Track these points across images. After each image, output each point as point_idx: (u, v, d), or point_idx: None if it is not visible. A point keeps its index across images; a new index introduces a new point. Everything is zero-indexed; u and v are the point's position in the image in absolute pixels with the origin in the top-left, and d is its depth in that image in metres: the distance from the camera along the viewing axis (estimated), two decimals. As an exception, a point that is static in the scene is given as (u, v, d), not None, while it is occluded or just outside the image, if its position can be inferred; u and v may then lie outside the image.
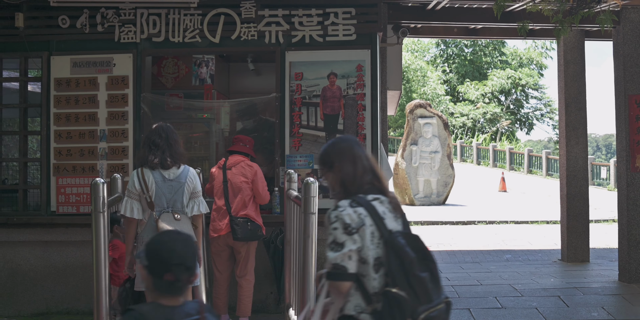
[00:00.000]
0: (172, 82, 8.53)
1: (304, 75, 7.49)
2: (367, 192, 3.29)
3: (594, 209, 16.58)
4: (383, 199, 3.30)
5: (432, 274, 3.17)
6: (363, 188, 3.31)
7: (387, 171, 7.71)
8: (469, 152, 38.75)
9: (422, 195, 21.75)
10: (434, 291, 3.14)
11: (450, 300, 3.24)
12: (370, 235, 3.15)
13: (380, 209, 3.23)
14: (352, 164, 3.35)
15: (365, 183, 3.32)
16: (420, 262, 3.14)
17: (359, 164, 3.35)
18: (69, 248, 7.48)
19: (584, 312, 7.37)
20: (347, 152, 3.39)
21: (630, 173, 8.73)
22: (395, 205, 3.32)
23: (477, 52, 49.69)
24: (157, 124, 5.68)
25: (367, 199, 3.25)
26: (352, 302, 3.18)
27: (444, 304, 3.18)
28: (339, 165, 3.36)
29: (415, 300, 3.06)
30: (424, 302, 3.09)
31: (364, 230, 3.15)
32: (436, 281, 3.18)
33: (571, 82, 10.75)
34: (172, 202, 5.46)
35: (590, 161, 28.92)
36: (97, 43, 7.65)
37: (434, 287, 3.15)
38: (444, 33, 11.41)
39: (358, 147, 3.43)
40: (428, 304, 3.10)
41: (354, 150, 3.39)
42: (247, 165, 6.83)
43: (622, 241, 8.84)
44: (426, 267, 3.16)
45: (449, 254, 12.24)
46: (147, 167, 5.46)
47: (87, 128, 7.56)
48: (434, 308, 3.11)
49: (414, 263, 3.11)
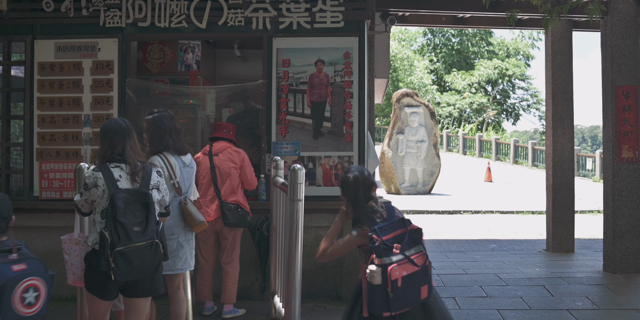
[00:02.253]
0: (158, 68, 8.45)
1: (291, 62, 7.43)
2: (112, 162, 4.51)
3: (579, 200, 16.67)
4: (123, 166, 4.50)
5: (140, 222, 4.30)
6: (115, 159, 4.52)
7: (373, 159, 7.68)
8: (455, 142, 38.85)
9: (408, 184, 21.79)
10: (135, 234, 4.25)
11: (157, 242, 4.34)
12: (101, 191, 4.42)
13: (116, 174, 4.46)
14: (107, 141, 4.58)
15: (115, 154, 4.52)
16: (127, 211, 4.27)
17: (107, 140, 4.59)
18: (52, 233, 7.41)
19: (568, 302, 7.40)
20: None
21: (616, 163, 8.76)
22: (133, 172, 4.50)
23: (464, 42, 49.75)
24: (163, 110, 5.71)
25: (108, 165, 4.49)
26: (91, 238, 4.49)
27: (146, 243, 4.29)
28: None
29: (116, 239, 4.19)
30: (123, 240, 4.19)
31: (96, 188, 4.44)
32: (144, 227, 4.31)
33: (558, 73, 10.77)
34: (188, 188, 5.62)
35: (576, 152, 29.04)
36: (82, 27, 7.56)
37: (138, 231, 4.27)
38: (432, 22, 11.39)
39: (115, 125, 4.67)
40: (126, 242, 4.20)
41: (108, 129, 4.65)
42: (235, 151, 6.79)
43: (607, 231, 8.88)
44: (133, 215, 4.28)
45: (435, 243, 12.27)
46: (169, 152, 5.53)
47: (71, 113, 7.48)
48: (130, 245, 4.22)
49: (120, 212, 4.23)
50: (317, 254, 4.34)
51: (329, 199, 7.28)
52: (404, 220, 4.18)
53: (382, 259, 3.94)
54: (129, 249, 4.23)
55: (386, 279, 3.91)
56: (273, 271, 6.46)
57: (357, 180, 4.29)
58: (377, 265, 3.95)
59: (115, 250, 4.20)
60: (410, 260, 4.01)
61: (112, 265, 4.21)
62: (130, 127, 4.75)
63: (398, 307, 3.99)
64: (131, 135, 4.70)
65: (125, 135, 4.64)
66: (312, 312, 6.91)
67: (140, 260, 4.28)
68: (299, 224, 5.03)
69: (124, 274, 4.26)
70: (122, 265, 4.22)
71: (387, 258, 3.95)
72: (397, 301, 3.97)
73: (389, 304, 3.95)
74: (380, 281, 3.93)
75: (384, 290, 3.94)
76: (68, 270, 4.83)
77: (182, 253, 5.51)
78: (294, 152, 7.35)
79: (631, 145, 8.76)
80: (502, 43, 50.51)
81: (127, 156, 4.57)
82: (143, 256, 4.30)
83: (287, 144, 7.37)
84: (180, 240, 5.51)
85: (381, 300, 3.96)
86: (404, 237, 4.07)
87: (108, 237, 4.23)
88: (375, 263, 3.95)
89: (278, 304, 6.10)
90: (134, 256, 4.25)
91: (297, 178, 5.02)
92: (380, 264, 3.94)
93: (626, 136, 8.77)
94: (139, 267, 4.29)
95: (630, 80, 8.81)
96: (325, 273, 7.41)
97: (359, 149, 7.33)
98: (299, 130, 7.38)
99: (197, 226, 5.52)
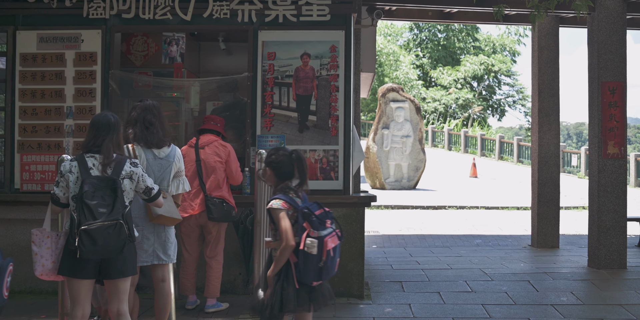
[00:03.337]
0: (141, 60, 8.36)
1: (277, 55, 7.39)
2: (89, 152, 4.79)
3: (564, 196, 16.73)
4: (97, 156, 4.76)
5: (107, 204, 4.54)
6: (93, 149, 4.79)
7: (359, 153, 7.64)
8: (440, 137, 38.91)
9: (393, 179, 21.78)
10: (100, 214, 4.49)
11: (121, 222, 4.55)
12: (75, 178, 4.69)
13: (90, 163, 4.73)
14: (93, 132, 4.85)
15: (95, 146, 4.78)
16: (95, 195, 4.54)
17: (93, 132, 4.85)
18: (33, 226, 7.15)
19: (553, 297, 7.40)
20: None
21: (601, 159, 8.77)
22: (104, 163, 4.73)
23: (451, 38, 49.78)
24: (146, 101, 5.69)
25: (84, 155, 4.78)
26: (67, 222, 4.81)
27: (110, 223, 4.51)
28: None
29: (82, 218, 4.47)
30: (88, 219, 4.46)
31: (70, 174, 4.72)
32: (110, 209, 4.54)
33: (545, 68, 10.79)
34: (160, 181, 5.49)
35: (562, 149, 29.16)
36: (65, 18, 7.47)
37: (104, 212, 4.51)
38: (418, 16, 11.34)
39: None
40: (90, 221, 4.45)
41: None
42: (221, 145, 6.74)
43: (592, 227, 8.89)
44: (101, 199, 4.54)
45: (419, 238, 12.27)
46: (139, 144, 5.49)
47: (54, 104, 7.40)
48: (94, 224, 4.45)
49: (87, 194, 4.51)
50: (286, 243, 4.47)
51: (314, 192, 7.21)
52: (318, 203, 4.67)
53: (319, 232, 4.42)
54: (93, 227, 4.48)
55: (322, 250, 4.39)
56: (257, 265, 6.43)
57: (294, 158, 4.70)
58: (314, 237, 4.39)
59: (80, 229, 4.47)
60: (336, 233, 4.57)
61: (77, 243, 4.47)
62: (119, 122, 4.96)
63: (325, 276, 4.51)
64: (116, 130, 4.92)
65: (110, 129, 4.88)
66: (296, 307, 6.86)
67: (104, 239, 4.51)
68: (284, 218, 5.01)
69: (89, 251, 4.50)
70: (87, 243, 4.47)
71: (323, 231, 4.44)
72: (326, 271, 4.48)
73: (320, 274, 4.46)
74: (316, 252, 4.39)
75: (318, 261, 4.41)
76: (37, 262, 4.85)
77: (147, 245, 5.41)
78: (278, 146, 7.30)
79: (617, 142, 8.78)
80: (489, 39, 50.59)
81: (103, 148, 4.80)
82: (107, 235, 4.52)
83: (272, 138, 7.33)
84: (145, 233, 5.40)
85: (315, 270, 4.44)
86: (327, 215, 4.58)
87: (76, 218, 4.57)
88: (312, 236, 4.39)
89: (262, 298, 6.06)
90: (98, 235, 4.49)
91: (282, 171, 5.00)
92: (317, 237, 4.40)
93: (612, 132, 8.78)
94: (103, 245, 4.52)
95: (617, 76, 8.81)
96: (310, 267, 7.36)
97: (344, 142, 7.30)
98: (284, 124, 7.33)
99: (155, 219, 5.41)
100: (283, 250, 4.45)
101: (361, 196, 7.46)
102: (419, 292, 7.59)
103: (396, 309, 6.92)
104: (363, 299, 7.24)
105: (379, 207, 17.13)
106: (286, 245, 4.44)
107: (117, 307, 4.86)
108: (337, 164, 7.31)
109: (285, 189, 4.66)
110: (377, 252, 10.46)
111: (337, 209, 7.29)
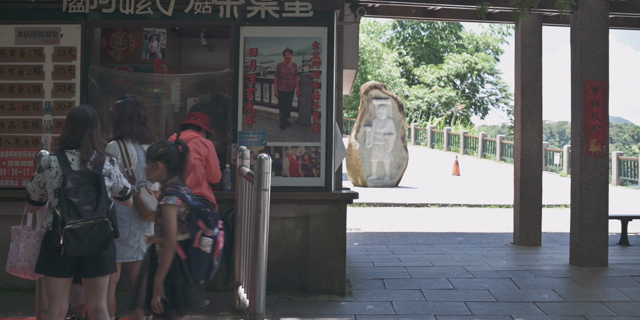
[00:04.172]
0: (122, 56, 8.28)
1: (259, 51, 7.33)
2: (69, 148, 4.70)
3: (547, 194, 16.80)
4: (75, 151, 4.68)
5: (91, 201, 4.52)
6: (71, 145, 4.69)
7: (341, 150, 7.60)
8: (423, 135, 39.00)
9: (375, 177, 21.78)
10: (85, 212, 4.47)
11: (106, 220, 4.55)
12: (54, 173, 4.61)
13: (69, 157, 4.65)
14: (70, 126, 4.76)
15: (73, 141, 4.69)
16: (79, 191, 4.50)
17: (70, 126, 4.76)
18: (10, 222, 7.15)
19: (535, 294, 7.41)
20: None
21: (583, 158, 8.79)
22: (83, 159, 4.66)
23: (434, 35, 49.89)
24: (132, 96, 5.69)
25: (64, 151, 4.69)
26: (46, 220, 4.68)
27: (94, 221, 4.49)
28: None
29: (67, 216, 4.41)
30: (73, 217, 4.42)
31: (49, 170, 4.64)
32: (94, 207, 4.52)
33: (528, 67, 10.82)
34: (147, 177, 5.45)
35: (544, 147, 29.30)
36: (44, 12, 7.37)
37: (88, 210, 4.49)
38: (401, 13, 11.35)
39: None
40: (75, 219, 4.42)
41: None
42: (201, 142, 6.66)
43: (574, 225, 8.92)
44: (85, 195, 4.51)
45: (401, 235, 12.26)
46: (129, 140, 5.51)
47: (32, 100, 7.29)
48: (80, 223, 4.43)
49: (71, 191, 4.46)
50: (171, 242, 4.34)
51: (296, 189, 7.21)
52: (203, 198, 4.66)
53: (212, 231, 4.37)
54: (78, 226, 4.45)
55: (214, 249, 4.37)
56: (237, 262, 6.38)
57: (182, 148, 4.55)
58: (209, 236, 4.34)
59: (65, 228, 4.42)
60: (222, 235, 4.48)
61: (62, 241, 4.41)
62: (96, 116, 4.87)
63: (212, 275, 4.48)
64: (94, 125, 4.83)
65: (88, 124, 4.78)
66: (276, 304, 6.83)
67: (89, 237, 4.49)
68: (265, 214, 5.01)
69: (73, 250, 4.47)
70: (72, 242, 4.43)
71: (215, 230, 4.40)
72: (214, 270, 4.45)
73: (209, 272, 4.43)
74: (210, 251, 4.35)
75: (210, 259, 4.39)
76: (8, 258, 4.88)
77: (133, 242, 5.45)
78: (260, 142, 7.26)
79: (599, 140, 8.80)
80: (472, 37, 50.75)
81: (82, 143, 4.71)
82: (93, 233, 4.51)
83: (254, 134, 7.28)
84: (132, 229, 5.46)
85: (206, 268, 4.39)
86: (214, 214, 4.50)
87: (60, 215, 4.47)
88: (207, 235, 4.33)
89: (242, 295, 6.04)
90: (84, 233, 4.47)
91: (263, 167, 5.00)
92: (212, 236, 4.36)
93: (594, 130, 8.80)
94: (88, 243, 4.50)
95: (599, 75, 8.83)
96: (291, 264, 7.33)
97: (326, 139, 7.26)
98: (266, 120, 7.28)
99: (149, 216, 5.45)
100: (168, 249, 4.31)
101: (343, 193, 7.42)
102: (401, 289, 7.57)
103: (378, 306, 6.89)
104: (344, 296, 7.21)
105: (361, 205, 17.12)
106: (171, 245, 4.31)
107: (95, 304, 4.81)
108: (319, 161, 7.27)
109: (176, 184, 4.48)
110: (359, 249, 10.44)
111: (319, 206, 7.26)
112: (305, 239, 7.34)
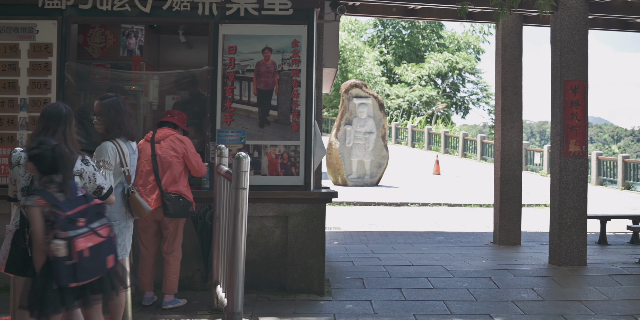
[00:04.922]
0: (99, 53, 8.18)
1: (238, 49, 7.28)
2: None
3: (527, 194, 16.87)
4: None
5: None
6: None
7: (320, 149, 7.57)
8: (403, 134, 39.05)
9: (355, 175, 21.76)
10: None
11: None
12: (23, 170, 4.59)
13: None
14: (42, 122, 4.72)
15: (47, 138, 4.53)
16: None
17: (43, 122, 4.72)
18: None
19: (514, 293, 7.42)
20: None
21: (563, 157, 8.82)
22: None
23: (415, 34, 50.00)
24: (116, 94, 5.64)
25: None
26: (15, 219, 4.63)
27: None
28: None
29: None
30: None
31: (19, 166, 4.64)
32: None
33: (508, 66, 10.86)
34: (133, 175, 5.58)
35: (525, 147, 29.46)
36: (19, 8, 7.26)
37: None
38: (382, 12, 11.31)
39: None
40: None
41: None
42: (177, 139, 6.61)
43: (554, 224, 8.95)
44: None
45: (381, 234, 12.25)
46: (122, 139, 5.47)
47: (7, 96, 7.18)
48: None
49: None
50: (37, 244, 4.31)
51: (275, 188, 7.16)
52: (86, 196, 4.49)
53: (67, 233, 4.21)
54: None
55: (71, 251, 4.20)
56: (215, 261, 6.34)
57: (56, 153, 4.39)
58: (62, 238, 4.18)
59: (30, 228, 4.31)
60: (95, 232, 4.35)
61: (27, 242, 4.36)
62: (71, 113, 4.81)
63: (85, 277, 4.31)
64: (68, 122, 4.76)
65: (61, 120, 4.71)
66: (255, 303, 6.79)
67: None
68: (244, 213, 4.98)
69: None
70: None
71: (72, 231, 4.23)
72: (84, 271, 4.27)
73: (75, 275, 4.24)
74: (65, 253, 4.18)
75: (68, 262, 4.22)
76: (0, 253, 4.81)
77: (120, 240, 5.43)
78: (239, 141, 7.20)
79: (578, 140, 8.83)
80: (453, 36, 50.93)
81: (56, 140, 4.58)
82: None
83: (232, 132, 7.22)
84: (120, 227, 5.45)
85: (67, 271, 4.21)
86: (88, 211, 4.39)
87: (26, 215, 4.39)
88: (60, 237, 4.19)
89: (220, 294, 5.99)
90: None
91: (241, 166, 4.97)
92: (65, 238, 4.19)
93: (573, 130, 8.83)
94: None
95: (579, 75, 8.87)
96: (270, 263, 7.29)
97: (305, 138, 7.22)
98: (245, 119, 7.23)
99: (145, 215, 5.58)
100: (35, 251, 4.28)
101: (322, 192, 7.39)
102: (380, 288, 7.55)
103: (357, 306, 6.87)
104: (323, 296, 7.18)
105: (340, 204, 17.10)
106: (37, 246, 4.27)
107: None
108: (298, 160, 7.23)
109: (46, 183, 4.37)
110: (339, 248, 10.41)
111: (298, 205, 7.22)
112: (284, 238, 7.29)
